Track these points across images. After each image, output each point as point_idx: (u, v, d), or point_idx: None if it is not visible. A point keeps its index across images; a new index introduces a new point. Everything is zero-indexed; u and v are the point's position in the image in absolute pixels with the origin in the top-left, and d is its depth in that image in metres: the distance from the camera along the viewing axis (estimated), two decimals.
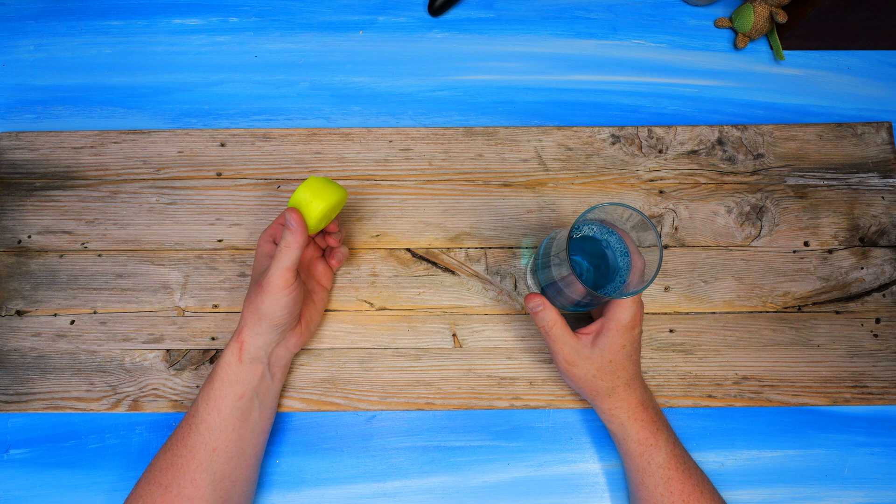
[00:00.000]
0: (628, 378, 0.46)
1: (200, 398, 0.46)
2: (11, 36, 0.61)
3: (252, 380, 0.46)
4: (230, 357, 0.45)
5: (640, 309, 0.45)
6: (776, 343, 0.53)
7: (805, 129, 0.58)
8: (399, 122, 0.59)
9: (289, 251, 0.43)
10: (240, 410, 0.45)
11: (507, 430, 0.52)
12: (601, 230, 0.46)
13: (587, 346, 0.45)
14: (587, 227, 0.46)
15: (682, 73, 0.61)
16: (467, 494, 0.51)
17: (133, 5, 0.62)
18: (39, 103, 0.59)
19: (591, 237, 0.46)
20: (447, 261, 0.55)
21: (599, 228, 0.46)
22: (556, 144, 0.57)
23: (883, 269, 0.55)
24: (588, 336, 0.45)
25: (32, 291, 0.54)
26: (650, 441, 0.45)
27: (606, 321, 0.44)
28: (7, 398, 0.52)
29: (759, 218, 0.56)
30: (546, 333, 0.46)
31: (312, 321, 0.51)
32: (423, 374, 0.53)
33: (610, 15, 0.62)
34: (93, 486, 0.51)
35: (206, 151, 0.57)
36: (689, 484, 0.45)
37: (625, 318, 0.44)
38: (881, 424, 0.53)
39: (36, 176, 0.57)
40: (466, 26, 0.62)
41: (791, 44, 0.60)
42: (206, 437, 0.44)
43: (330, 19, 0.62)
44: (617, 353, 0.45)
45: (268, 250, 0.49)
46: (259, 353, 0.46)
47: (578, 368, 0.46)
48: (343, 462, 0.52)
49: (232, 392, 0.45)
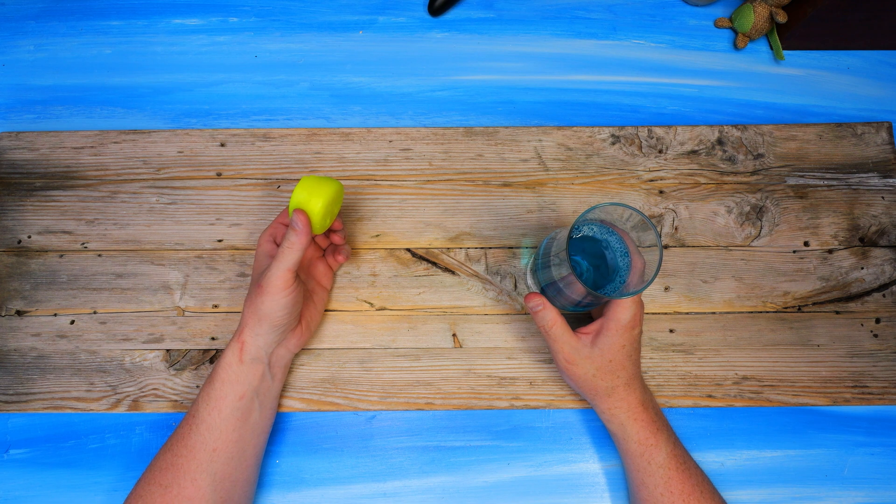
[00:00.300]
0: (628, 378, 0.46)
1: (201, 398, 0.45)
2: (11, 36, 0.61)
3: (253, 380, 0.46)
4: (231, 357, 0.45)
5: (641, 309, 0.45)
6: (776, 343, 0.53)
7: (805, 129, 0.58)
8: (399, 122, 0.59)
9: (291, 252, 0.43)
10: (240, 411, 0.45)
11: (507, 430, 0.52)
12: (601, 230, 0.46)
13: (587, 345, 0.45)
14: (587, 227, 0.46)
15: (682, 73, 0.61)
16: (467, 494, 0.51)
17: (133, 5, 0.62)
18: (39, 103, 0.59)
19: (591, 237, 0.46)
20: (447, 261, 0.55)
21: (599, 228, 0.46)
22: (556, 144, 0.57)
23: (883, 269, 0.55)
24: (588, 336, 0.45)
25: (32, 291, 0.54)
26: (650, 441, 0.45)
27: (606, 321, 0.44)
28: (7, 398, 0.52)
29: (759, 218, 0.56)
30: (546, 333, 0.46)
31: (313, 321, 0.51)
32: (423, 374, 0.53)
33: (610, 15, 0.62)
34: (93, 486, 0.51)
35: (206, 151, 0.57)
36: (690, 484, 0.45)
37: (625, 318, 0.44)
38: (881, 424, 0.53)
39: (36, 176, 0.57)
40: (466, 26, 0.62)
41: (791, 44, 0.60)
42: (207, 437, 0.44)
43: (330, 19, 0.62)
44: (617, 353, 0.45)
45: (268, 250, 0.49)
46: (260, 354, 0.46)
47: (578, 368, 0.46)
48: (343, 462, 0.52)
49: (232, 392, 0.45)
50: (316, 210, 0.44)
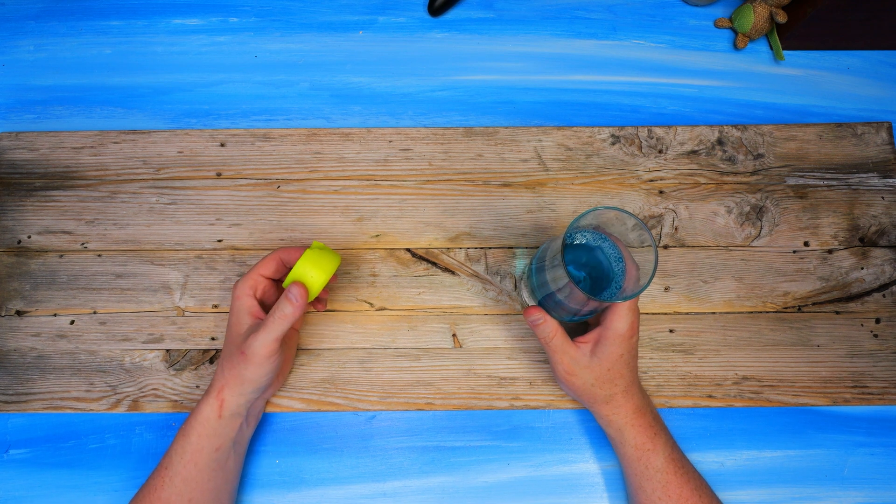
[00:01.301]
0: (626, 385, 0.46)
1: (174, 451, 0.45)
2: (11, 36, 0.61)
3: (231, 433, 0.45)
4: (209, 413, 0.44)
5: (637, 317, 0.45)
6: (776, 343, 0.53)
7: (805, 130, 0.58)
8: (399, 122, 0.59)
9: (284, 322, 0.42)
10: (217, 461, 0.45)
11: (507, 430, 0.52)
12: (594, 237, 0.45)
13: (586, 355, 0.45)
14: (580, 234, 0.45)
15: (682, 73, 0.61)
16: (467, 494, 0.51)
17: (133, 5, 0.62)
18: (39, 103, 0.59)
19: (585, 245, 0.46)
20: (447, 261, 0.55)
21: (592, 235, 0.45)
22: (556, 144, 0.57)
23: (883, 269, 0.55)
24: (586, 345, 0.45)
25: (32, 291, 0.54)
26: (647, 446, 0.46)
27: (604, 330, 0.44)
28: (7, 398, 0.52)
29: (759, 218, 0.56)
30: (546, 344, 0.46)
31: (287, 366, 0.51)
32: (422, 374, 0.53)
33: (610, 15, 0.62)
34: (93, 486, 0.51)
35: (205, 151, 0.57)
36: (688, 488, 0.45)
37: (622, 327, 0.43)
38: (881, 424, 0.53)
39: (36, 176, 0.57)
40: (466, 26, 0.62)
41: (791, 44, 0.60)
42: (182, 488, 0.44)
43: (330, 19, 0.62)
44: (615, 363, 0.45)
45: (248, 305, 0.45)
46: (240, 410, 0.45)
47: (577, 378, 0.46)
48: (343, 462, 0.52)
49: (210, 445, 0.44)
50: (316, 286, 0.44)
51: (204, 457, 0.44)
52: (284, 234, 0.55)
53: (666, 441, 0.46)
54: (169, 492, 0.44)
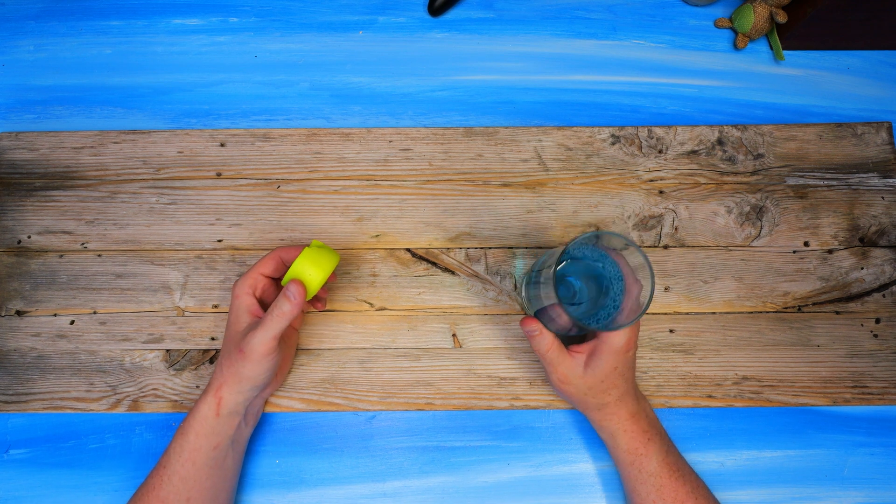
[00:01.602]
0: (619, 395, 0.46)
1: (172, 450, 0.45)
2: (11, 36, 0.61)
3: (229, 431, 0.45)
4: (206, 411, 0.44)
5: (635, 332, 0.44)
6: (776, 343, 0.53)
7: (805, 130, 0.58)
8: (399, 122, 0.59)
9: (282, 320, 0.42)
10: (215, 460, 0.45)
11: (507, 430, 0.52)
12: (594, 253, 0.45)
13: (580, 365, 0.45)
14: (579, 249, 0.45)
15: (682, 73, 0.61)
16: (467, 494, 0.51)
17: (133, 5, 0.62)
18: (39, 103, 0.59)
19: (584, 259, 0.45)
20: (447, 261, 0.55)
21: (592, 252, 0.45)
22: (556, 144, 0.57)
23: (883, 269, 0.55)
24: (581, 355, 0.45)
25: (32, 291, 0.54)
26: (640, 451, 0.46)
27: (600, 343, 0.44)
28: (7, 398, 0.52)
29: (759, 218, 0.56)
30: (542, 356, 0.46)
31: (286, 365, 0.51)
32: (422, 375, 0.53)
33: (610, 15, 0.62)
34: (93, 486, 0.51)
35: (205, 151, 0.57)
36: (683, 491, 0.45)
37: (618, 342, 0.43)
38: (881, 424, 0.53)
39: (36, 176, 0.57)
40: (466, 26, 0.62)
41: (791, 44, 0.60)
42: (180, 487, 0.44)
43: (330, 19, 0.62)
44: (609, 374, 0.44)
45: (247, 304, 0.45)
46: (238, 408, 0.45)
47: (571, 386, 0.46)
48: (343, 462, 0.52)
49: (207, 444, 0.44)
50: (314, 284, 0.44)
51: (202, 455, 0.44)
52: (284, 234, 0.55)
53: (660, 446, 0.46)
54: (167, 491, 0.44)
